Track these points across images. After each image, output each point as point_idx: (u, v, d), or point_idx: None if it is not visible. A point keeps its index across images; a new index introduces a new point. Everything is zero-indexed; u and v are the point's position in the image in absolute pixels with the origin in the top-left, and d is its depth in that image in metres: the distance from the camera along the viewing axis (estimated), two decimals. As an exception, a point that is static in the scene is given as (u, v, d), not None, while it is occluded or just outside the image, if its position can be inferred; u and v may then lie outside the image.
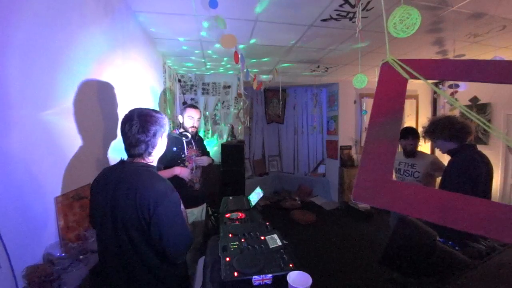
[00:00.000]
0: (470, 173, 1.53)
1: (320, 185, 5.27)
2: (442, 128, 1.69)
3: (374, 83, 0.70)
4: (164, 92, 3.11)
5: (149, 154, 1.05)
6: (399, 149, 2.35)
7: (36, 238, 1.01)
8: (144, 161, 1.06)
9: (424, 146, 3.85)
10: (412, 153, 2.22)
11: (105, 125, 1.51)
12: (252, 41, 2.50)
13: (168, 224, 0.95)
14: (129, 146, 1.03)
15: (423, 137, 1.94)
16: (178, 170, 1.92)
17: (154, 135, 1.04)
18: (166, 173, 1.88)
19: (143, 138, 1.01)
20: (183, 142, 2.06)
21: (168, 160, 1.93)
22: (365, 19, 2.07)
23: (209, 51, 2.94)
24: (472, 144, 1.72)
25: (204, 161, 2.17)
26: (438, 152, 1.87)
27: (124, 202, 0.94)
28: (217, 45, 2.69)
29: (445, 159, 1.84)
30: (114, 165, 1.08)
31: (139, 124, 1.00)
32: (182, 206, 1.17)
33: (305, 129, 5.68)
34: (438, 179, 1.93)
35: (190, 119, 2.09)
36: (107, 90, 1.54)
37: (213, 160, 2.36)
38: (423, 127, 1.90)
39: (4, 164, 0.86)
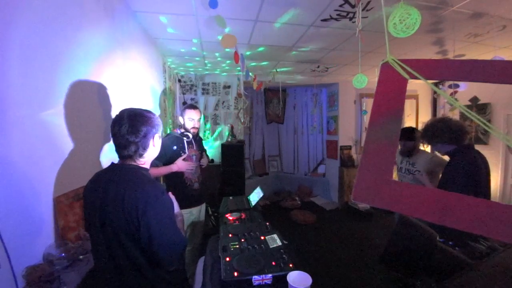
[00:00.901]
0: (472, 174, 1.54)
1: (320, 185, 5.27)
2: (440, 132, 1.69)
3: (374, 83, 0.70)
4: (164, 92, 3.11)
5: (140, 156, 1.00)
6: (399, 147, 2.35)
7: (36, 238, 1.01)
8: (135, 163, 1.01)
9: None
10: (408, 154, 2.23)
11: (106, 125, 1.51)
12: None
13: (157, 228, 0.90)
14: (119, 147, 0.99)
15: (422, 142, 1.94)
16: (175, 167, 1.90)
17: (145, 136, 0.99)
18: (163, 170, 1.89)
19: (133, 139, 0.96)
20: (184, 142, 2.06)
21: (167, 159, 1.94)
22: (365, 19, 2.07)
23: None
24: (470, 144, 1.72)
25: (204, 163, 2.24)
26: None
27: (112, 206, 0.91)
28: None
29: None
30: (105, 168, 1.05)
31: (128, 124, 0.96)
32: (178, 210, 1.14)
33: (305, 129, 5.68)
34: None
35: (191, 120, 2.09)
36: (107, 90, 1.54)
37: (212, 160, 2.38)
38: (419, 132, 1.90)
39: (4, 164, 0.86)
